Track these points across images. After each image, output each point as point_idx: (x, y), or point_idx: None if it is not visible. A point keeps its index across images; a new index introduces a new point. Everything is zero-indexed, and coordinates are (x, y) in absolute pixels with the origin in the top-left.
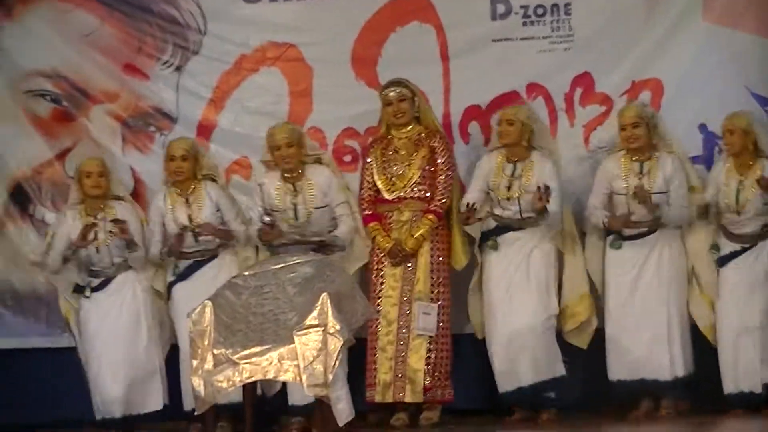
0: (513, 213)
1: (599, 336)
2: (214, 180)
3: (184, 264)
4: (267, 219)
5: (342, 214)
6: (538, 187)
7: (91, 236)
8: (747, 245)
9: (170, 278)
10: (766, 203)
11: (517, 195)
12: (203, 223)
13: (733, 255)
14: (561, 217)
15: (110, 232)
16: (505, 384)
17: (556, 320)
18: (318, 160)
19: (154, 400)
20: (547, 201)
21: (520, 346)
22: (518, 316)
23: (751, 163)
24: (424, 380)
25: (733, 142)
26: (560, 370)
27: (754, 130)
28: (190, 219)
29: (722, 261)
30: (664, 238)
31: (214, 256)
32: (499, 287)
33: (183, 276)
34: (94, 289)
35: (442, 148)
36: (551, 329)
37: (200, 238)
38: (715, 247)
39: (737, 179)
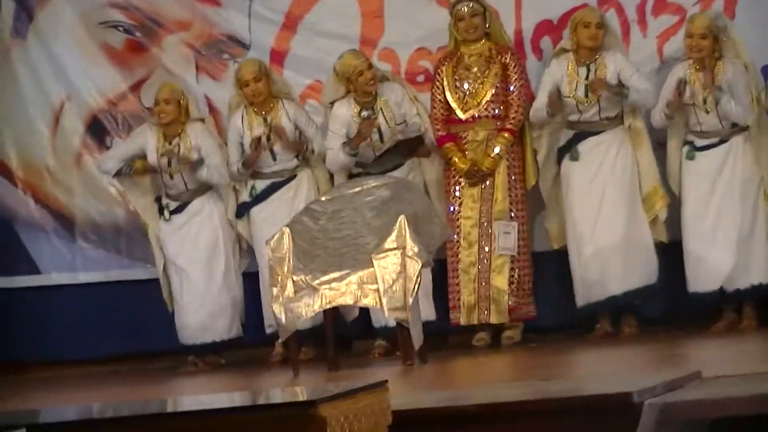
0: (592, 115)
1: (679, 247)
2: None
3: (261, 185)
4: (366, 114)
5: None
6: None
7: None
8: (716, 140)
9: (246, 199)
10: None
11: (595, 98)
12: (278, 127)
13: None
14: (651, 93)
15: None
16: (592, 294)
17: (646, 220)
18: (384, 78)
19: (235, 327)
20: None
21: (611, 255)
22: (609, 225)
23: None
24: (508, 300)
25: (699, 46)
26: (653, 278)
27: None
28: (269, 138)
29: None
30: (737, 147)
31: (292, 177)
32: (585, 197)
33: (260, 198)
34: (173, 212)
35: (514, 65)
36: (644, 236)
37: (278, 156)
38: None
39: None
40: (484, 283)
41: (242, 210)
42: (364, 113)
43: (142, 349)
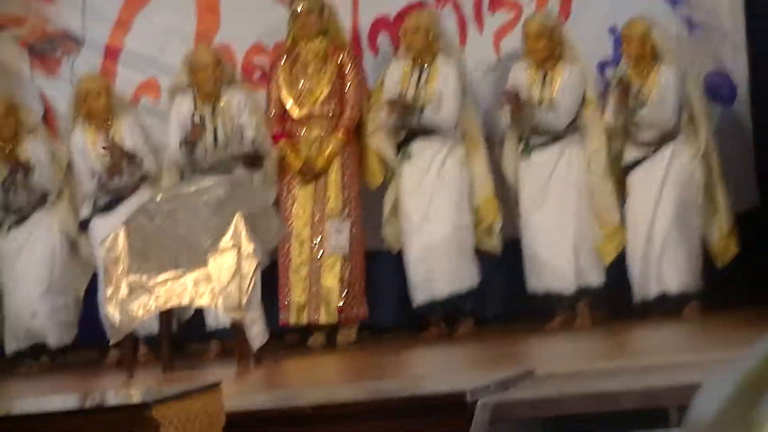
0: (423, 120)
1: (518, 246)
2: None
3: (103, 200)
4: (197, 120)
5: (252, 135)
6: None
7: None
8: (651, 151)
9: (87, 214)
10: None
11: (422, 102)
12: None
13: (637, 163)
14: (454, 122)
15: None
16: (420, 296)
17: (472, 228)
18: (232, 80)
19: (67, 333)
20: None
21: (436, 256)
22: (434, 225)
23: (647, 70)
24: (339, 300)
25: (630, 51)
26: (475, 281)
27: (652, 37)
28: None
29: (626, 170)
30: (570, 146)
31: (136, 189)
32: (413, 197)
33: (103, 210)
34: (11, 227)
35: (350, 63)
36: (467, 238)
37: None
38: (618, 157)
39: (636, 85)
40: (314, 282)
41: (84, 225)
42: (196, 118)
43: None
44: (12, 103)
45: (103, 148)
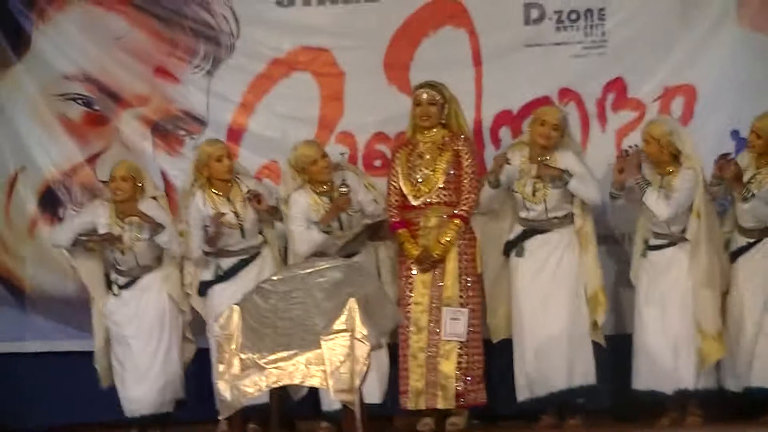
0: (539, 213)
1: (629, 342)
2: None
3: (227, 263)
4: (343, 189)
5: (373, 206)
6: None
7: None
8: (753, 240)
9: (209, 278)
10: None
11: (543, 194)
12: (255, 192)
13: (748, 246)
14: (595, 188)
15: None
16: (535, 389)
17: (589, 324)
18: (337, 167)
19: (172, 402)
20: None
21: (554, 351)
22: (552, 321)
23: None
24: (456, 386)
25: (756, 145)
26: (591, 378)
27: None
28: (237, 215)
29: (733, 256)
30: (683, 251)
31: (257, 254)
32: (529, 293)
33: (226, 276)
34: (122, 287)
35: (466, 151)
36: (585, 334)
37: (246, 233)
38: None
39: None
40: (432, 369)
41: (204, 288)
42: (342, 189)
43: (87, 420)
44: (134, 168)
45: (248, 192)
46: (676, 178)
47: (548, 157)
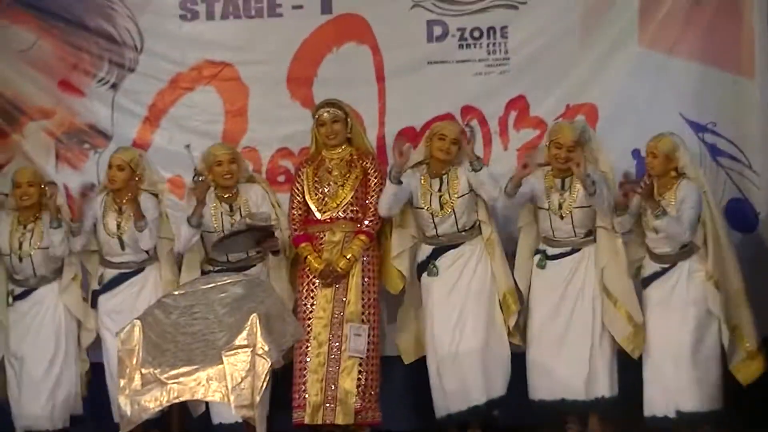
0: (450, 226)
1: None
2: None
3: (109, 274)
4: (200, 179)
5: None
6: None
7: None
8: (666, 265)
9: (96, 287)
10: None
11: (451, 205)
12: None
13: (655, 276)
14: (497, 192)
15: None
16: (453, 405)
17: (506, 335)
18: (251, 179)
19: (67, 418)
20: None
21: (472, 365)
22: (470, 335)
23: (670, 186)
24: (355, 402)
25: (655, 165)
26: (503, 389)
27: (677, 155)
28: (118, 226)
29: (645, 282)
30: (588, 256)
31: (140, 270)
32: (444, 310)
33: (108, 287)
34: (16, 298)
35: (374, 169)
36: (504, 345)
37: (126, 247)
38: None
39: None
40: (331, 384)
41: (95, 298)
42: (196, 177)
43: None
44: (39, 176)
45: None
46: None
47: (449, 171)
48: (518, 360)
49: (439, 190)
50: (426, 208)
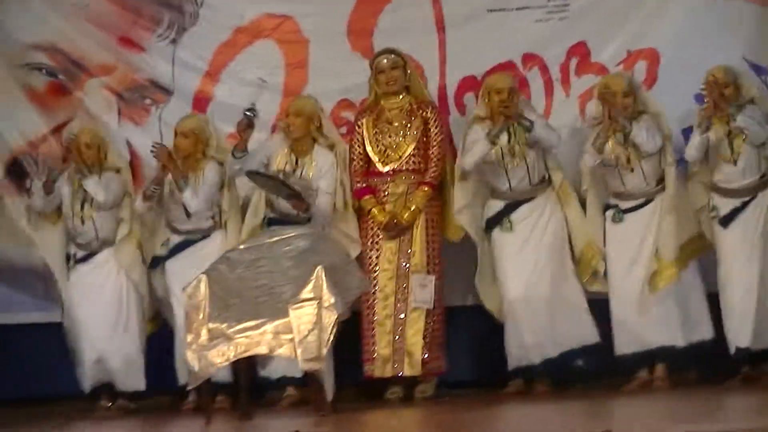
0: (521, 179)
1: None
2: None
3: (175, 239)
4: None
5: (326, 193)
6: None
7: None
8: (746, 198)
9: (160, 253)
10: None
11: (522, 152)
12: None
13: (735, 212)
14: (556, 134)
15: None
16: (531, 357)
17: (581, 285)
18: (332, 146)
19: (137, 380)
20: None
21: (548, 318)
22: (543, 289)
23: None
24: (422, 353)
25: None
26: (592, 338)
27: (736, 81)
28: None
29: (724, 221)
30: (661, 207)
31: (206, 236)
32: (517, 265)
33: (174, 251)
34: (78, 261)
35: (435, 119)
36: (579, 297)
37: (192, 217)
38: (714, 208)
39: (725, 129)
40: (399, 336)
41: (156, 263)
42: (248, 113)
43: (51, 393)
44: (99, 137)
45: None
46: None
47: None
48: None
49: (509, 143)
50: (498, 162)
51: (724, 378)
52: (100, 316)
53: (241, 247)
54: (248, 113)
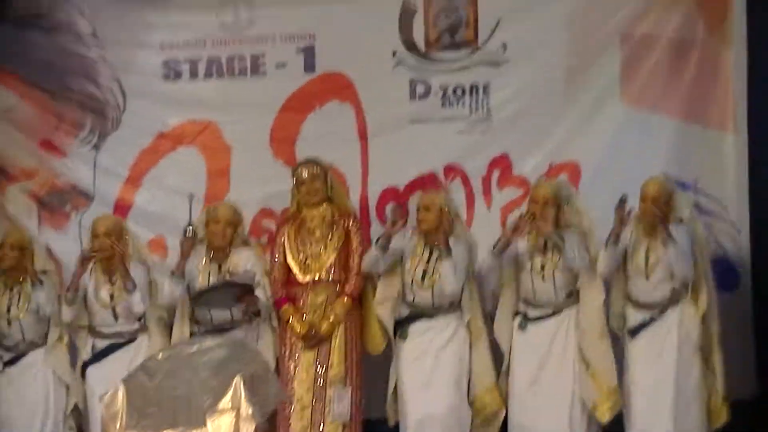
0: (426, 298)
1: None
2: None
3: (100, 344)
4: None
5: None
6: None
7: None
8: (656, 312)
9: (86, 358)
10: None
11: (432, 281)
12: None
13: (643, 325)
14: (458, 293)
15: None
16: None
17: (469, 413)
18: (246, 243)
19: None
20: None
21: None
22: (431, 405)
23: (659, 229)
24: None
25: (646, 210)
26: None
27: (672, 199)
28: (111, 296)
29: (633, 332)
30: (569, 319)
31: (132, 340)
32: (410, 377)
33: (99, 356)
34: (6, 363)
35: (356, 230)
36: (465, 423)
37: (119, 317)
38: (621, 317)
39: (646, 243)
40: None
41: (84, 368)
42: (189, 228)
43: None
44: (26, 242)
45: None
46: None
47: (449, 246)
48: None
49: (427, 261)
50: (409, 272)
51: None
52: (27, 420)
53: (160, 356)
54: (189, 230)
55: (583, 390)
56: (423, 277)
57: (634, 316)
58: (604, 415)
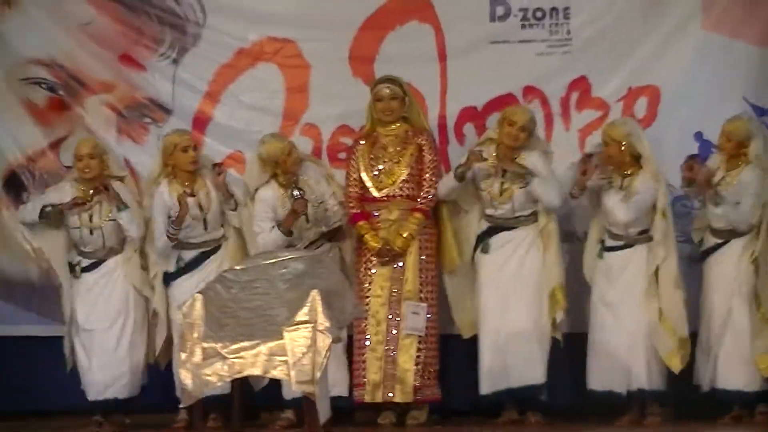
0: (505, 212)
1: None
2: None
3: (188, 255)
4: (297, 193)
5: (333, 204)
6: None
7: (76, 209)
8: (721, 241)
9: (171, 269)
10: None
11: (510, 194)
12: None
13: (717, 247)
14: (557, 201)
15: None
16: (494, 384)
17: (550, 324)
18: (301, 159)
19: (135, 387)
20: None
21: (513, 347)
22: (513, 318)
23: (735, 169)
24: (414, 380)
25: (727, 147)
26: (543, 377)
27: (750, 143)
28: (201, 208)
29: (703, 254)
30: (639, 253)
31: (218, 247)
32: (491, 289)
33: (187, 268)
34: (84, 269)
35: (429, 146)
36: (546, 332)
37: (209, 225)
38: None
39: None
40: (390, 362)
41: (167, 280)
42: (295, 192)
43: (48, 407)
44: (100, 148)
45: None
46: (636, 181)
47: (516, 157)
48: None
49: (503, 176)
50: (487, 191)
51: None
52: (107, 326)
53: (238, 267)
54: (297, 194)
55: (655, 338)
56: (501, 192)
57: (709, 240)
58: (677, 365)
